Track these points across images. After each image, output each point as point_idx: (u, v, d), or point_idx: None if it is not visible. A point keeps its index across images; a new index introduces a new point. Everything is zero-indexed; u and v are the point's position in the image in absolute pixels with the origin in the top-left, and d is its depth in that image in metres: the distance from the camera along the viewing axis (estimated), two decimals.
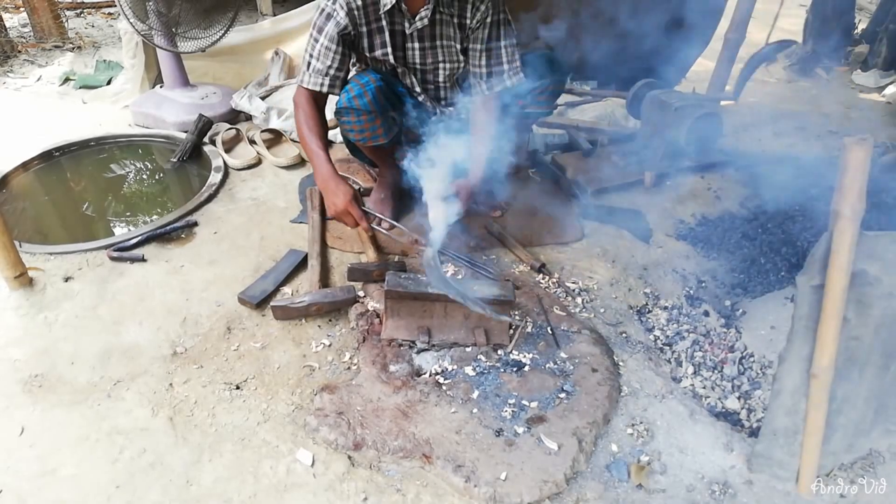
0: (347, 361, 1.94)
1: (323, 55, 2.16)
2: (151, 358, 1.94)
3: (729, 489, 1.59)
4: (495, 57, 2.24)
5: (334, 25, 2.13)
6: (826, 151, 3.32)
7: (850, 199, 1.27)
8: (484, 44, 2.22)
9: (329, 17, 2.14)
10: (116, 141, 3.32)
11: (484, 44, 2.22)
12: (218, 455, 1.65)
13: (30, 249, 2.37)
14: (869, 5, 5.97)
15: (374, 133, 2.25)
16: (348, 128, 2.26)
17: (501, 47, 2.23)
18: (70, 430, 1.72)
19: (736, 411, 1.85)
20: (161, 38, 3.17)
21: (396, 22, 2.19)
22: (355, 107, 2.18)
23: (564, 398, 1.79)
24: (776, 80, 4.64)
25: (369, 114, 2.19)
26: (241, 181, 2.92)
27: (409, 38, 2.22)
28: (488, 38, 2.22)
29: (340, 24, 2.12)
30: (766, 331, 2.08)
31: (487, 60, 2.24)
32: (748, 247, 2.48)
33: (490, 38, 2.22)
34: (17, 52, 4.64)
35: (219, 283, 2.25)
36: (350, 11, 2.11)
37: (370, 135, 2.25)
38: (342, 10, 2.11)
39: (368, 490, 1.57)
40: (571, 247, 2.48)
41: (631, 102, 3.15)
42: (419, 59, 2.28)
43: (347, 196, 2.13)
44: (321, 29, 2.15)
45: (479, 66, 2.26)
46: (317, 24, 2.16)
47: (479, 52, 2.24)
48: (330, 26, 2.14)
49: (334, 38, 2.14)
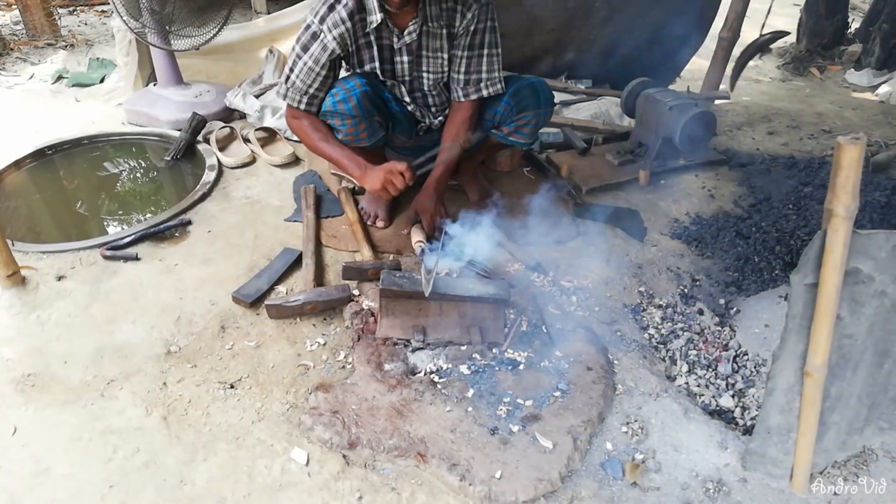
0: (342, 360, 1.94)
1: (305, 74, 2.18)
2: (145, 357, 1.94)
3: (723, 487, 1.60)
4: (475, 64, 2.24)
5: (321, 49, 2.14)
6: (820, 150, 3.33)
7: (843, 198, 1.27)
8: (465, 50, 2.22)
9: (315, 37, 2.14)
10: (110, 139, 3.30)
11: (465, 50, 2.22)
12: (212, 454, 1.65)
13: (22, 248, 2.36)
14: (862, 4, 5.99)
15: (358, 136, 2.26)
16: (334, 129, 2.28)
17: (483, 55, 2.23)
18: (63, 429, 1.71)
19: (730, 409, 1.86)
20: (154, 35, 3.16)
21: (384, 37, 2.19)
22: (339, 111, 2.19)
23: (559, 396, 1.79)
24: (770, 79, 4.65)
25: (353, 118, 2.20)
26: (236, 180, 2.91)
27: (397, 53, 2.23)
28: (470, 45, 2.22)
29: (328, 48, 2.13)
30: (760, 329, 2.09)
31: (467, 67, 2.24)
32: (742, 245, 2.49)
33: (472, 46, 2.22)
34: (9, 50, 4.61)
35: (213, 281, 2.24)
36: (340, 35, 2.12)
37: (353, 138, 2.26)
38: (329, 33, 2.11)
39: (363, 489, 1.57)
40: (566, 245, 2.48)
41: (625, 101, 3.15)
42: (407, 71, 2.28)
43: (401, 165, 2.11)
44: (306, 47, 2.16)
45: (458, 71, 2.26)
46: (301, 40, 2.16)
47: (461, 58, 2.24)
48: (316, 48, 2.14)
49: (319, 61, 2.15)
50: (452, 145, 2.29)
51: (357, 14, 2.11)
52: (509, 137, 2.40)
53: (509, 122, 2.35)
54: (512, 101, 2.31)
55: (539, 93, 2.32)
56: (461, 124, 2.32)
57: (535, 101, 2.31)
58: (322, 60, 2.15)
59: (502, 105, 2.33)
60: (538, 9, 3.43)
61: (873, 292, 1.43)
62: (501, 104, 2.33)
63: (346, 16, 2.10)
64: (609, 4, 3.45)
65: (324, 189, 2.77)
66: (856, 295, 1.43)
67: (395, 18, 2.15)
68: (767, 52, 4.77)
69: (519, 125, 2.35)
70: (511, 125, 2.35)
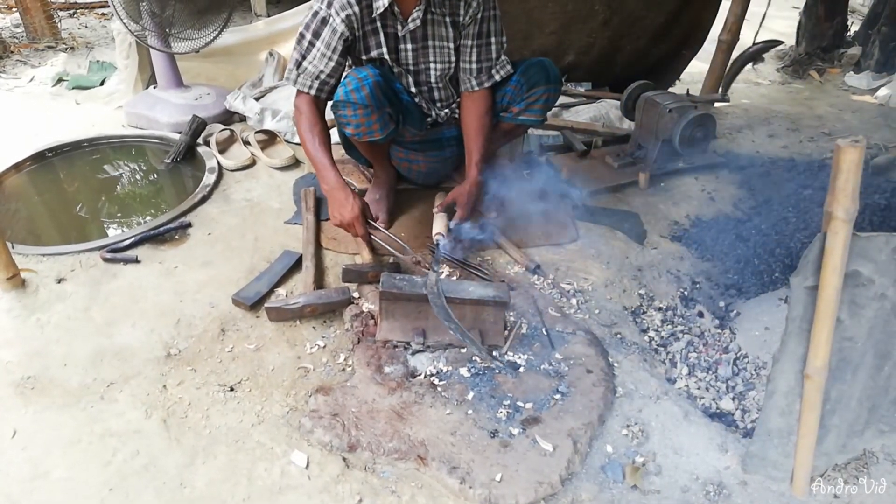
0: (342, 363, 1.93)
1: (318, 59, 2.17)
2: (145, 360, 1.93)
3: (723, 490, 1.59)
4: (485, 52, 2.25)
5: (331, 33, 2.13)
6: (819, 153, 3.33)
7: (843, 201, 1.27)
8: (475, 39, 2.23)
9: (325, 22, 2.13)
10: (110, 142, 3.30)
11: (475, 39, 2.23)
12: (212, 457, 1.64)
13: (22, 251, 2.36)
14: (861, 7, 6.00)
15: (370, 128, 2.24)
16: (345, 121, 2.24)
17: (491, 43, 2.25)
18: (62, 432, 1.70)
19: (730, 412, 1.86)
20: (155, 38, 3.16)
21: (389, 24, 2.19)
22: (352, 100, 2.16)
23: (559, 399, 1.79)
24: (769, 82, 4.66)
25: (366, 108, 2.18)
26: (236, 182, 2.91)
27: (401, 40, 2.23)
28: (478, 34, 2.23)
29: (337, 31, 2.13)
30: (760, 332, 2.09)
31: (478, 56, 2.25)
32: (742, 248, 2.49)
33: (480, 34, 2.23)
34: (9, 53, 4.62)
35: (213, 284, 2.24)
36: (347, 17, 2.12)
37: (366, 129, 2.24)
38: (338, 16, 2.11)
39: (363, 492, 1.56)
40: (566, 248, 2.48)
41: (625, 104, 3.15)
42: (412, 59, 2.28)
43: (356, 210, 2.16)
44: (317, 33, 2.15)
45: (468, 61, 2.27)
46: (311, 26, 2.16)
47: (470, 48, 2.25)
48: (326, 33, 2.14)
49: (331, 45, 2.15)
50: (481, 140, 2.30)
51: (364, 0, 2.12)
52: (520, 117, 2.41)
53: (520, 100, 2.36)
54: (522, 79, 2.32)
55: (548, 69, 2.35)
56: (483, 117, 2.32)
57: (544, 76, 2.32)
58: (334, 44, 2.15)
59: (512, 84, 2.35)
60: (538, 12, 3.44)
61: (873, 295, 1.43)
62: (511, 83, 2.35)
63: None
64: (608, 7, 3.45)
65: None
66: (856, 298, 1.43)
67: (400, 5, 2.15)
68: (760, 61, 4.77)
69: (530, 102, 2.36)
70: (522, 103, 2.36)
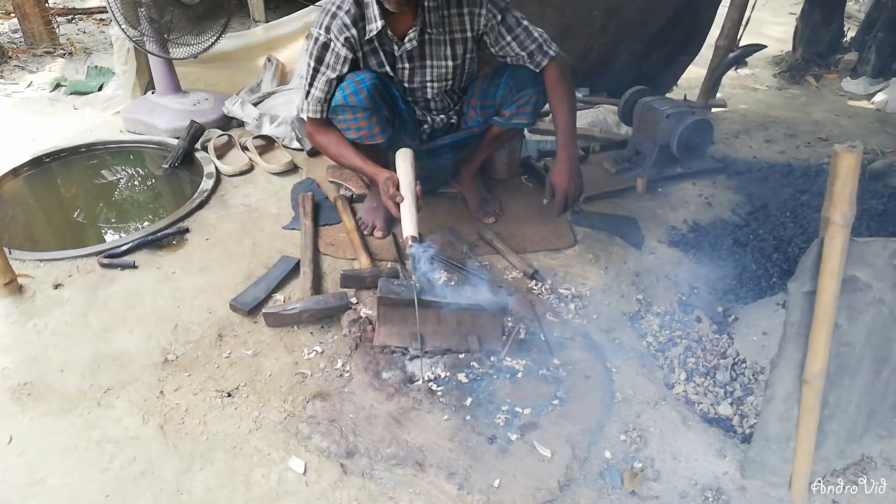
0: (340, 368, 1.93)
1: (324, 84, 2.20)
2: (142, 365, 1.93)
3: (722, 495, 1.59)
4: (525, 37, 2.26)
5: (334, 57, 2.17)
6: (817, 158, 3.34)
7: (840, 206, 1.27)
8: (509, 33, 2.25)
9: (326, 48, 2.17)
10: (107, 147, 3.31)
11: (509, 33, 2.25)
12: (209, 463, 1.64)
13: (19, 256, 2.36)
14: (858, 13, 6.03)
15: (371, 131, 2.24)
16: (345, 126, 2.24)
17: (524, 28, 2.26)
18: (59, 438, 1.70)
19: (728, 417, 1.86)
20: (153, 44, 3.16)
21: (385, 44, 2.21)
22: (350, 104, 2.17)
23: (557, 405, 1.78)
24: (766, 87, 4.67)
25: (364, 111, 2.19)
26: (233, 188, 2.91)
27: (398, 60, 2.24)
28: (508, 27, 2.24)
29: (341, 54, 2.16)
30: (758, 337, 2.09)
31: (521, 44, 2.26)
32: (740, 253, 2.49)
33: (511, 27, 2.25)
34: (7, 58, 4.62)
35: (210, 290, 2.24)
36: (347, 40, 2.15)
37: (367, 133, 2.24)
38: (338, 40, 2.14)
39: (361, 498, 1.56)
40: (564, 253, 2.48)
41: (623, 109, 3.16)
42: (408, 77, 2.30)
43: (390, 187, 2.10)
44: (320, 59, 2.19)
45: (516, 54, 2.28)
46: (314, 54, 2.19)
47: (508, 44, 2.26)
48: (329, 57, 2.18)
49: (336, 69, 2.18)
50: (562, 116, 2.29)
51: (360, 21, 2.13)
52: (511, 120, 2.40)
53: (510, 103, 2.36)
54: (511, 82, 2.32)
55: (535, 73, 2.35)
56: (554, 90, 2.29)
57: (532, 79, 2.32)
58: (338, 68, 2.18)
59: (501, 87, 2.35)
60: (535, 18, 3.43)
61: (871, 300, 1.43)
62: (501, 87, 2.35)
63: (349, 22, 2.13)
64: (606, 13, 3.46)
65: (322, 197, 2.77)
66: (853, 302, 1.43)
67: (394, 26, 2.16)
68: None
69: (520, 105, 2.36)
70: (512, 106, 2.36)
